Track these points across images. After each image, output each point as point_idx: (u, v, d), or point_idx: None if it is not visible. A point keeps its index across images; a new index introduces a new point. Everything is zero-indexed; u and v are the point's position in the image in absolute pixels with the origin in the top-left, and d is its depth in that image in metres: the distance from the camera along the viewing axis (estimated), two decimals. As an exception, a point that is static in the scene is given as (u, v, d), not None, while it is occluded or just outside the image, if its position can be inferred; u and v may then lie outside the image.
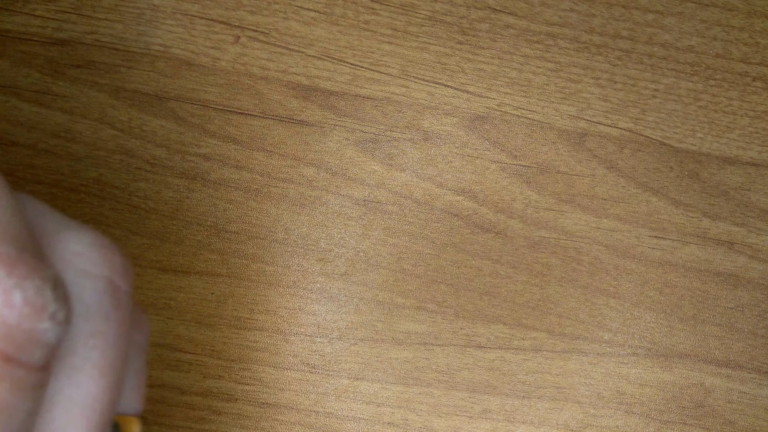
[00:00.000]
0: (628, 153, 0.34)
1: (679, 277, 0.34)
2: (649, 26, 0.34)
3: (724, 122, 0.34)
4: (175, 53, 0.32)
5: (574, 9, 0.34)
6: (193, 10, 0.32)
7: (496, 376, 0.32)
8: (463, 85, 0.33)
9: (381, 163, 0.33)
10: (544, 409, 0.32)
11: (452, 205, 0.33)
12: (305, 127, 0.32)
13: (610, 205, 0.34)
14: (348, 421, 0.31)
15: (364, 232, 0.32)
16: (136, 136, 0.32)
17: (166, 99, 0.32)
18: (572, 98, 0.34)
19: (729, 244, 0.34)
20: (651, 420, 0.33)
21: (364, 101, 0.33)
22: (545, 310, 0.33)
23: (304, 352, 0.32)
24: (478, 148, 0.33)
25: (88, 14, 0.32)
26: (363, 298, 0.32)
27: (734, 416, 0.33)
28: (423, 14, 0.33)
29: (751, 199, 0.34)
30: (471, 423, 0.32)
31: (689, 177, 0.34)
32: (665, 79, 0.34)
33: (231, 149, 0.32)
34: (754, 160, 0.34)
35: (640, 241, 0.34)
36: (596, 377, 0.33)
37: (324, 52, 0.33)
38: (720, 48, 0.35)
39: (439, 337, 0.32)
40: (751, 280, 0.34)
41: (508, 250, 0.33)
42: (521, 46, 0.34)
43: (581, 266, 0.33)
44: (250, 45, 0.32)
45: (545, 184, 0.33)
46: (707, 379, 0.33)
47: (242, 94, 0.32)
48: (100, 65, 0.32)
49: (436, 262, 0.33)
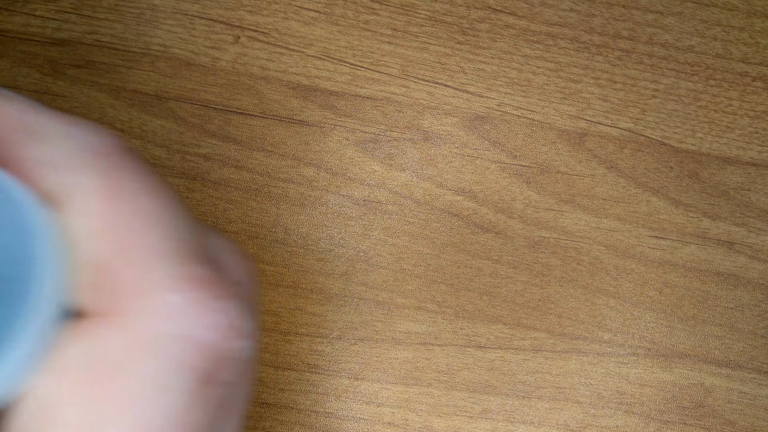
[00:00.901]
0: (628, 153, 0.34)
1: (679, 277, 0.34)
2: (649, 26, 0.34)
3: (724, 122, 0.34)
4: (175, 53, 0.32)
5: (574, 9, 0.34)
6: (193, 10, 0.32)
7: (496, 376, 0.32)
8: (463, 85, 0.33)
9: (381, 163, 0.33)
10: (544, 409, 0.32)
11: (452, 205, 0.33)
12: (305, 127, 0.32)
13: (610, 205, 0.34)
14: (348, 421, 0.31)
15: (364, 232, 0.32)
16: (136, 136, 0.32)
17: (166, 99, 0.32)
18: (572, 98, 0.34)
19: (729, 244, 0.34)
20: (651, 420, 0.33)
21: (364, 101, 0.33)
22: (545, 310, 0.33)
23: (304, 352, 0.32)
24: (478, 148, 0.33)
25: (88, 14, 0.32)
26: (363, 298, 0.32)
27: (734, 416, 0.33)
28: (423, 14, 0.33)
29: (751, 199, 0.34)
30: (471, 423, 0.32)
31: (689, 177, 0.34)
32: (665, 79, 0.34)
33: (231, 149, 0.32)
34: (754, 160, 0.34)
35: (640, 241, 0.34)
36: (596, 377, 0.33)
37: (324, 52, 0.33)
38: (720, 48, 0.35)
39: (439, 337, 0.32)
40: (751, 280, 0.34)
41: (508, 250, 0.33)
42: (521, 46, 0.34)
43: (581, 266, 0.33)
44: (250, 45, 0.32)
45: (545, 184, 0.33)
46: (707, 379, 0.33)
47: (242, 94, 0.32)
48: (100, 65, 0.32)
49: (436, 262, 0.33)
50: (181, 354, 0.11)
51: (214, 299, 0.12)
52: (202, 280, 0.12)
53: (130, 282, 0.11)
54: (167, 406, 0.11)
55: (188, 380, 0.11)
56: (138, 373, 0.11)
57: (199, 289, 0.12)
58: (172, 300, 0.11)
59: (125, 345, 0.11)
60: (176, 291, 0.11)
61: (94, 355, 0.11)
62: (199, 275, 0.12)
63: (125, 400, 0.11)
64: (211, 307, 0.12)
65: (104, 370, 0.11)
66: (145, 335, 0.11)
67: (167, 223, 0.12)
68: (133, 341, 0.11)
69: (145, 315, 0.11)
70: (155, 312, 0.11)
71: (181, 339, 0.11)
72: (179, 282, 0.11)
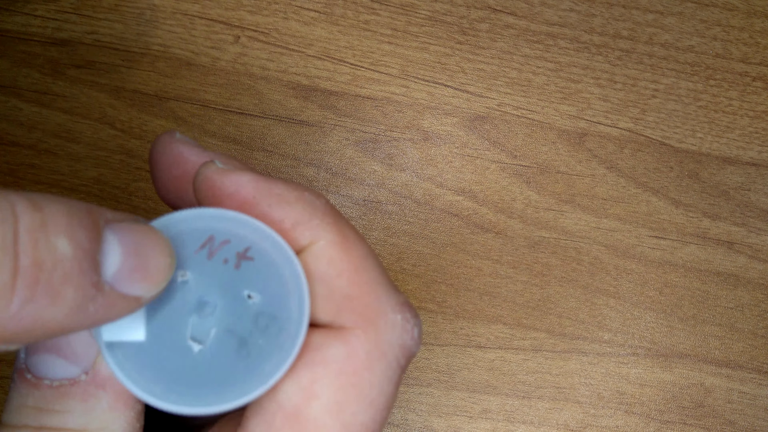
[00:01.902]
0: (628, 153, 0.34)
1: (679, 277, 0.34)
2: (649, 26, 0.34)
3: (724, 122, 0.34)
4: (175, 53, 0.32)
5: (574, 9, 0.34)
6: (193, 10, 0.32)
7: (496, 376, 0.32)
8: (463, 85, 0.33)
9: (381, 163, 0.33)
10: (544, 409, 0.32)
11: (452, 205, 0.33)
12: (305, 127, 0.32)
13: (610, 205, 0.34)
14: (348, 421, 0.31)
15: (364, 232, 0.32)
16: (136, 136, 0.32)
17: (166, 99, 0.32)
18: (572, 98, 0.34)
19: (729, 244, 0.34)
20: (651, 420, 0.33)
21: (364, 101, 0.33)
22: (545, 310, 0.33)
23: (304, 352, 0.32)
24: (478, 148, 0.33)
25: (88, 14, 0.32)
26: (363, 298, 0.32)
27: (734, 416, 0.33)
28: (423, 14, 0.33)
29: (751, 199, 0.34)
30: (471, 423, 0.32)
31: (689, 177, 0.34)
32: (665, 79, 0.34)
33: (231, 149, 0.32)
34: (754, 160, 0.34)
35: (640, 241, 0.34)
36: (596, 377, 0.33)
37: (324, 52, 0.33)
38: (720, 48, 0.35)
39: (439, 337, 0.32)
40: (751, 280, 0.34)
41: (508, 250, 0.33)
42: (521, 46, 0.34)
43: (581, 266, 0.33)
44: (250, 45, 0.32)
45: (545, 184, 0.33)
46: (707, 379, 0.33)
47: (242, 94, 0.32)
48: (100, 65, 0.32)
49: (436, 262, 0.33)
50: (397, 354, 0.16)
51: (414, 318, 0.17)
52: (407, 306, 0.17)
53: (373, 310, 0.16)
54: (387, 390, 0.16)
55: (398, 372, 0.16)
56: (375, 368, 0.16)
57: (408, 312, 0.17)
58: (395, 319, 0.16)
59: (368, 348, 0.16)
60: (397, 312, 0.16)
61: (347, 353, 0.15)
62: (405, 302, 0.17)
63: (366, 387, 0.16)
64: (413, 324, 0.17)
65: (353, 364, 0.15)
66: (382, 342, 0.16)
67: (375, 264, 0.17)
68: (374, 346, 0.16)
69: (382, 328, 0.16)
70: (388, 326, 0.16)
71: (398, 346, 0.16)
72: (398, 307, 0.16)
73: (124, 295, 0.14)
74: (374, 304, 0.16)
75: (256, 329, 0.15)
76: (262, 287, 0.15)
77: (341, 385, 0.15)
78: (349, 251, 0.16)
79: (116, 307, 0.13)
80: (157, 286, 0.14)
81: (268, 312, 0.15)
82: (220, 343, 0.15)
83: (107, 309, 0.13)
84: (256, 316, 0.15)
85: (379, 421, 0.16)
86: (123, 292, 0.13)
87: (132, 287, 0.14)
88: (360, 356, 0.16)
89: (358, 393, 0.15)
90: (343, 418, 0.15)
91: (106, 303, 0.13)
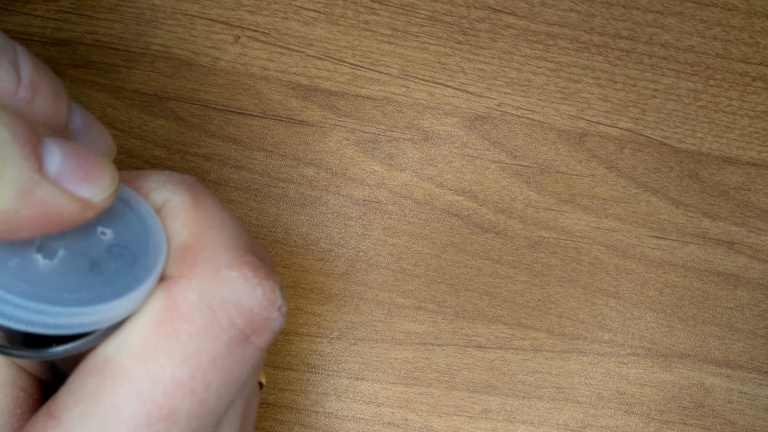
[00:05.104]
0: (628, 153, 0.34)
1: (679, 277, 0.34)
2: (649, 26, 0.34)
3: (724, 122, 0.34)
4: (175, 53, 0.32)
5: (574, 9, 0.34)
6: (193, 10, 0.32)
7: (496, 376, 0.32)
8: (463, 85, 0.33)
9: (381, 163, 0.33)
10: (544, 409, 0.32)
11: (452, 205, 0.33)
12: (305, 127, 0.32)
13: (610, 205, 0.34)
14: (348, 421, 0.31)
15: (364, 232, 0.32)
16: (136, 136, 0.32)
17: (166, 99, 0.32)
18: (572, 98, 0.34)
19: (729, 244, 0.34)
20: (651, 420, 0.33)
21: (364, 101, 0.33)
22: (545, 310, 0.33)
23: (304, 352, 0.32)
24: (478, 148, 0.33)
25: (88, 14, 0.32)
26: (363, 298, 0.32)
27: (734, 416, 0.33)
28: (423, 14, 0.33)
29: (751, 199, 0.34)
30: (471, 423, 0.32)
31: (689, 177, 0.34)
32: (665, 79, 0.34)
33: (231, 149, 0.32)
34: (754, 160, 0.34)
35: (640, 241, 0.34)
36: (596, 377, 0.33)
37: (324, 52, 0.33)
38: (720, 48, 0.35)
39: (439, 337, 0.32)
40: (751, 280, 0.34)
41: (508, 250, 0.33)
42: (521, 46, 0.34)
43: (581, 266, 0.33)
44: (250, 45, 0.32)
45: (545, 184, 0.33)
46: (707, 379, 0.33)
47: (242, 94, 0.32)
48: (100, 65, 0.32)
49: (436, 262, 0.33)
50: (229, 312, 0.15)
51: (258, 278, 0.16)
52: (251, 263, 0.16)
53: (203, 260, 0.16)
54: (211, 348, 0.15)
55: (230, 333, 0.15)
56: (196, 320, 0.15)
57: (248, 269, 0.16)
58: (230, 274, 0.16)
59: (191, 299, 0.15)
60: (233, 268, 0.16)
61: (166, 303, 0.15)
62: (249, 260, 0.16)
63: (183, 338, 0.15)
64: (256, 283, 0.16)
65: (170, 314, 0.15)
66: (207, 295, 0.15)
67: (229, 226, 0.16)
68: (197, 297, 0.15)
69: (210, 280, 0.15)
70: (217, 280, 0.16)
71: (231, 302, 0.15)
72: (236, 262, 0.16)
73: (71, 192, 0.14)
74: (206, 256, 0.16)
75: (110, 256, 0.15)
76: (117, 228, 0.16)
77: (152, 334, 0.15)
78: (199, 209, 0.16)
79: (67, 207, 0.13)
80: (104, 190, 0.14)
81: (122, 244, 0.15)
82: (71, 260, 0.15)
83: (56, 201, 0.13)
84: (109, 246, 0.15)
85: (203, 384, 0.15)
86: (68, 188, 0.14)
87: (78, 187, 0.14)
88: (179, 306, 0.15)
89: (170, 344, 0.15)
90: (151, 368, 0.15)
91: (54, 194, 0.13)
